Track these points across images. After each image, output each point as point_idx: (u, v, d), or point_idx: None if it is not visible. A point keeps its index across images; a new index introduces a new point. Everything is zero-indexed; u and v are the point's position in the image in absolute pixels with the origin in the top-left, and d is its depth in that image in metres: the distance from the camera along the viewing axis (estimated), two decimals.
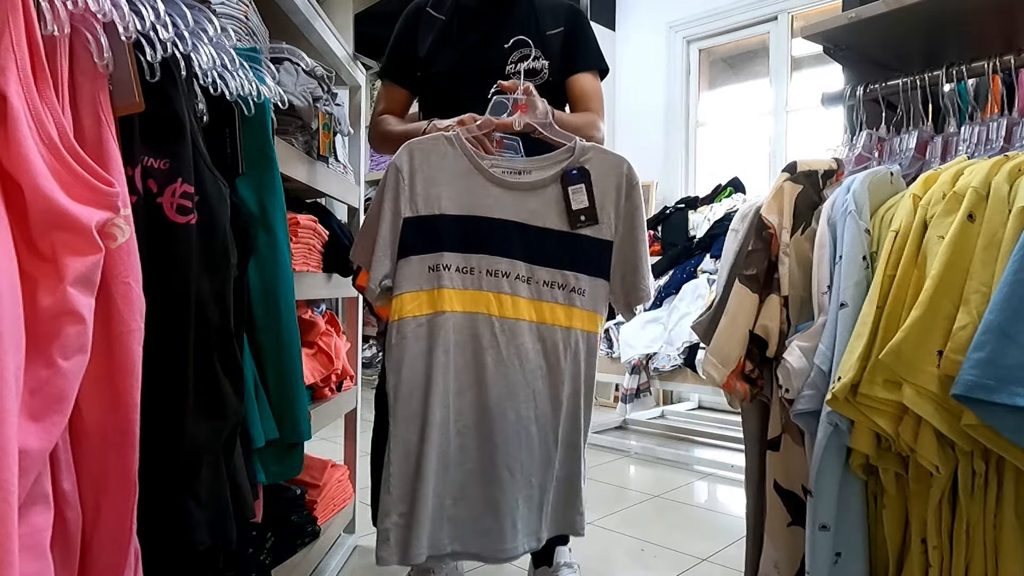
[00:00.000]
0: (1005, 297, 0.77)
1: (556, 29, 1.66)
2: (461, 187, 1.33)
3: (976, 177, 0.87)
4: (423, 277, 1.32)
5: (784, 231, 1.07)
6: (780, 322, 1.06)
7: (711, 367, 1.09)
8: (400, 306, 1.31)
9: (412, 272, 1.31)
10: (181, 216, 0.86)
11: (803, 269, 1.05)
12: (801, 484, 1.06)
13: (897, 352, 0.83)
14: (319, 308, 1.98)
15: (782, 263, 1.06)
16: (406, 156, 1.33)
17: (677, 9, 4.41)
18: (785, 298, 1.06)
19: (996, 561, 0.87)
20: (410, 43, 1.71)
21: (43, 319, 0.65)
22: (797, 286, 1.06)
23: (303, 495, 1.60)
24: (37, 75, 0.67)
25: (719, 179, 3.90)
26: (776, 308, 1.06)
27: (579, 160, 1.37)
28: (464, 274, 1.33)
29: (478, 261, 1.33)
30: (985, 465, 0.87)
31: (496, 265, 1.33)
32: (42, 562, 0.65)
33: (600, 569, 1.87)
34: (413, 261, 1.32)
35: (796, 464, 1.06)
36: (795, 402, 0.99)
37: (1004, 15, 1.19)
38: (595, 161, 1.37)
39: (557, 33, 1.66)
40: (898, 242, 0.91)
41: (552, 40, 1.65)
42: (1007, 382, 0.74)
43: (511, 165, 1.36)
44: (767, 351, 1.08)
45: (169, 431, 0.85)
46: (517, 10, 1.67)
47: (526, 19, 1.67)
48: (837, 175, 1.13)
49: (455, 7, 1.70)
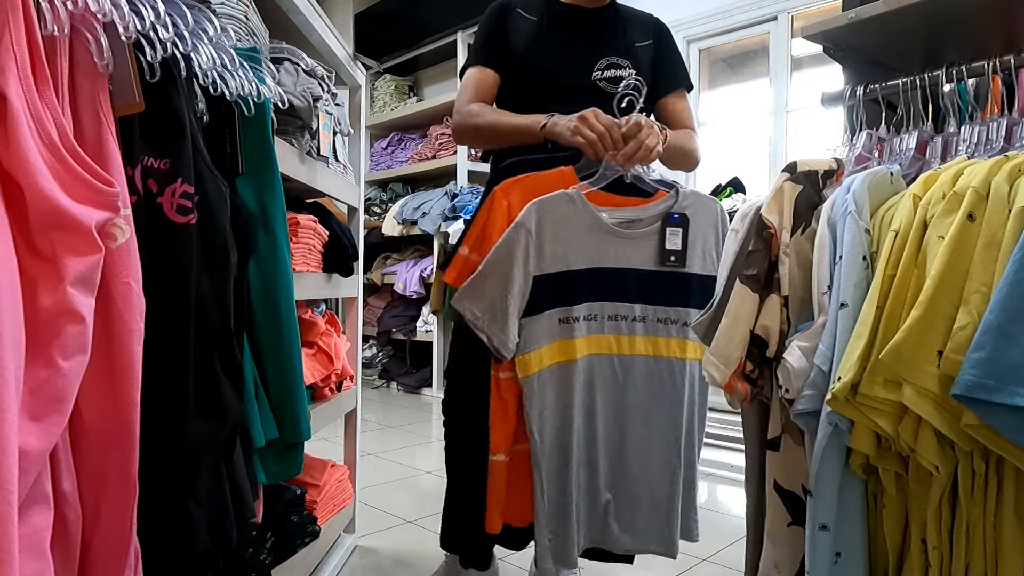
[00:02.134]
0: (1005, 297, 0.77)
1: (645, 42, 1.68)
2: (584, 242, 1.42)
3: (976, 177, 0.87)
4: (556, 330, 1.42)
5: (784, 231, 1.07)
6: (780, 322, 1.06)
7: (712, 367, 1.09)
8: (538, 359, 1.41)
9: (544, 327, 1.41)
10: (181, 216, 0.86)
11: (803, 269, 1.05)
12: (801, 484, 1.06)
13: (897, 352, 0.83)
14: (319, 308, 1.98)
15: (782, 263, 1.06)
16: (534, 216, 1.38)
17: (677, 9, 4.41)
18: (785, 298, 1.06)
19: (996, 561, 0.87)
20: (503, 36, 1.66)
21: (43, 319, 0.65)
22: (797, 286, 1.05)
23: (303, 495, 1.60)
24: (37, 75, 0.67)
25: (719, 179, 3.90)
26: (776, 308, 1.06)
27: (681, 205, 1.47)
28: (589, 321, 1.44)
29: (600, 308, 1.44)
30: (985, 465, 0.87)
31: (616, 310, 1.45)
32: (42, 562, 0.65)
33: (600, 569, 1.87)
34: (544, 316, 1.41)
35: (796, 464, 1.06)
36: (795, 402, 0.99)
37: (1004, 15, 1.19)
38: (694, 207, 1.48)
39: (646, 46, 1.68)
40: (898, 242, 0.91)
41: (642, 53, 1.67)
42: (1007, 382, 0.74)
43: (624, 216, 1.44)
44: (767, 351, 1.08)
45: (169, 431, 0.85)
46: (606, 18, 1.68)
47: (613, 28, 1.68)
48: (837, 175, 1.13)
49: (545, 10, 1.68)
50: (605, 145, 1.39)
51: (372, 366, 5.06)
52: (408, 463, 3.00)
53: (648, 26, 1.70)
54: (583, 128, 1.40)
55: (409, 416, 4.03)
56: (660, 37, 1.69)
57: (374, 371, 5.05)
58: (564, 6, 1.67)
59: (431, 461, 3.09)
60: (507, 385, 1.43)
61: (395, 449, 3.22)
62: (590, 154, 1.41)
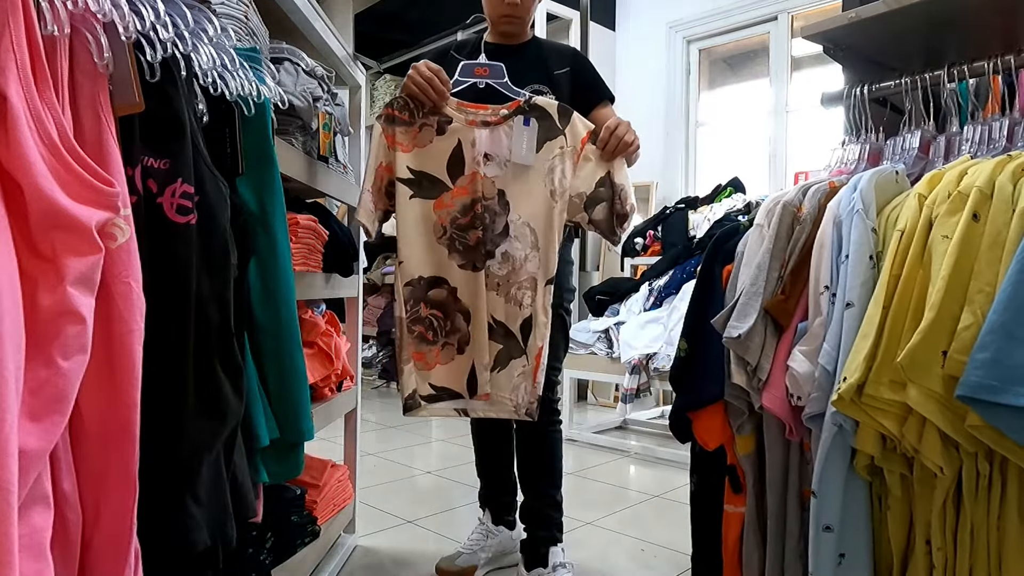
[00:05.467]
0: (1009, 297, 0.77)
1: (563, 69, 1.79)
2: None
3: (980, 177, 0.87)
4: None
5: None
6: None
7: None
8: None
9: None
10: (181, 216, 0.85)
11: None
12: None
13: (913, 356, 0.83)
14: (319, 308, 1.98)
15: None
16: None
17: (677, 9, 4.41)
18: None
19: (1000, 563, 0.86)
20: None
21: (43, 319, 0.65)
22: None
23: (303, 495, 1.60)
24: (37, 75, 0.67)
25: (719, 179, 3.90)
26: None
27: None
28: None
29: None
30: (989, 466, 0.87)
31: None
32: (42, 562, 0.65)
33: (600, 569, 1.87)
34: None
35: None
36: (806, 407, 0.99)
37: (1004, 15, 1.19)
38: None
39: (564, 73, 1.79)
40: (903, 241, 0.91)
41: (560, 79, 1.78)
42: (1012, 383, 0.74)
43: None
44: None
45: (169, 431, 0.84)
46: (529, 53, 1.82)
47: (536, 60, 1.80)
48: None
49: (475, 50, 1.83)
50: (429, 93, 1.54)
51: (372, 366, 5.06)
52: (408, 463, 3.00)
53: (566, 56, 1.84)
54: (414, 77, 1.55)
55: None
56: (576, 63, 1.83)
57: (374, 371, 5.05)
58: (492, 45, 1.84)
59: (431, 461, 3.09)
60: None
61: (395, 449, 3.22)
62: (423, 100, 1.56)
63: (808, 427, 1.01)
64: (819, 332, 1.00)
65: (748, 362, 1.06)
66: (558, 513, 1.79)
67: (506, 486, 1.93)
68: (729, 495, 1.20)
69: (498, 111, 1.58)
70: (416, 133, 1.58)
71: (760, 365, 1.05)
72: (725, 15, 4.21)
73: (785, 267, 1.07)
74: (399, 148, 1.57)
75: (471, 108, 1.59)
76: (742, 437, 1.14)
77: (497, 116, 1.58)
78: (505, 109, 1.59)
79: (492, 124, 1.58)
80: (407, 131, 1.58)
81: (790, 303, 1.07)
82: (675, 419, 1.26)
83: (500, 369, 1.59)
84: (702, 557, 1.26)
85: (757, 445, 1.14)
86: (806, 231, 1.07)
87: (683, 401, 1.25)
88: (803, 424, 1.01)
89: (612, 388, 4.08)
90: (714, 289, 1.21)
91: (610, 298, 3.54)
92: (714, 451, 1.19)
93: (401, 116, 1.58)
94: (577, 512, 2.24)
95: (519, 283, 1.57)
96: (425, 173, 1.58)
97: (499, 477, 1.93)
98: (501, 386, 1.59)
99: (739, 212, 3.39)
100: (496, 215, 1.57)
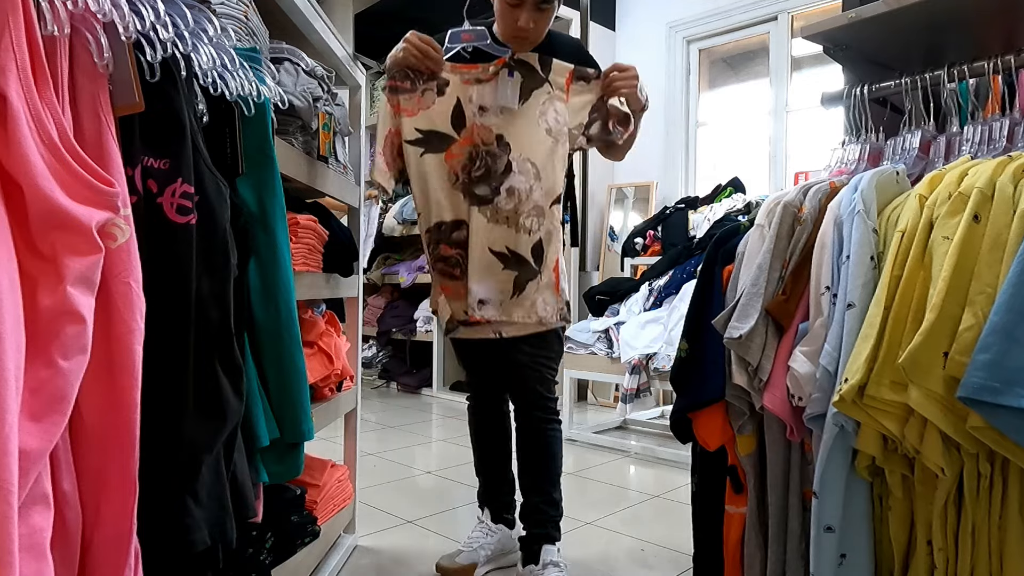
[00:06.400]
0: (1010, 298, 0.76)
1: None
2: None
3: (981, 177, 0.87)
4: None
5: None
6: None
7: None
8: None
9: None
10: (181, 216, 0.85)
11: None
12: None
13: (914, 357, 0.82)
14: (319, 308, 1.98)
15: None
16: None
17: (677, 9, 4.41)
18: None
19: (1001, 563, 0.86)
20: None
21: (43, 319, 0.65)
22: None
23: (303, 495, 1.59)
24: (37, 75, 0.67)
25: (719, 179, 3.91)
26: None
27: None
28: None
29: None
30: (990, 467, 0.86)
31: None
32: (42, 562, 0.65)
33: (600, 569, 1.87)
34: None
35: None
36: (807, 407, 0.99)
37: (1004, 15, 1.19)
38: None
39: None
40: (904, 242, 0.91)
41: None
42: (1013, 384, 0.74)
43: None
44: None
45: (169, 431, 0.84)
46: (543, 51, 1.87)
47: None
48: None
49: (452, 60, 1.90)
50: (426, 62, 1.68)
51: (372, 366, 5.06)
52: (408, 463, 2.99)
53: (571, 51, 1.90)
54: (410, 49, 1.68)
55: (409, 416, 4.03)
56: (580, 59, 1.89)
57: (374, 371, 5.05)
58: (467, 54, 1.91)
59: (431, 461, 3.09)
60: None
61: (395, 449, 3.21)
62: (421, 68, 1.70)
63: (809, 428, 1.01)
64: (820, 333, 1.00)
65: (749, 362, 1.06)
66: (556, 512, 1.79)
67: (505, 484, 1.93)
68: (730, 495, 1.20)
69: (488, 68, 1.72)
70: (419, 98, 1.72)
71: (761, 366, 1.05)
72: (725, 15, 4.21)
73: (786, 267, 1.07)
74: (404, 114, 1.72)
75: (464, 69, 1.73)
76: (743, 437, 1.14)
77: (488, 73, 1.72)
78: (493, 66, 1.72)
79: (484, 80, 1.72)
80: (411, 97, 1.71)
81: (791, 304, 1.07)
82: (676, 419, 1.26)
83: (518, 294, 1.71)
84: (703, 557, 1.27)
85: (758, 445, 1.14)
86: (807, 231, 1.07)
87: (684, 401, 1.25)
88: (804, 425, 1.01)
89: (612, 388, 4.08)
90: (714, 289, 1.21)
91: (610, 298, 3.54)
92: (715, 451, 1.19)
93: (403, 85, 1.71)
94: (577, 512, 2.24)
95: (527, 212, 1.69)
96: (432, 131, 1.72)
97: (498, 475, 1.93)
98: (524, 307, 1.71)
99: (739, 212, 3.39)
100: (497, 157, 1.70)
